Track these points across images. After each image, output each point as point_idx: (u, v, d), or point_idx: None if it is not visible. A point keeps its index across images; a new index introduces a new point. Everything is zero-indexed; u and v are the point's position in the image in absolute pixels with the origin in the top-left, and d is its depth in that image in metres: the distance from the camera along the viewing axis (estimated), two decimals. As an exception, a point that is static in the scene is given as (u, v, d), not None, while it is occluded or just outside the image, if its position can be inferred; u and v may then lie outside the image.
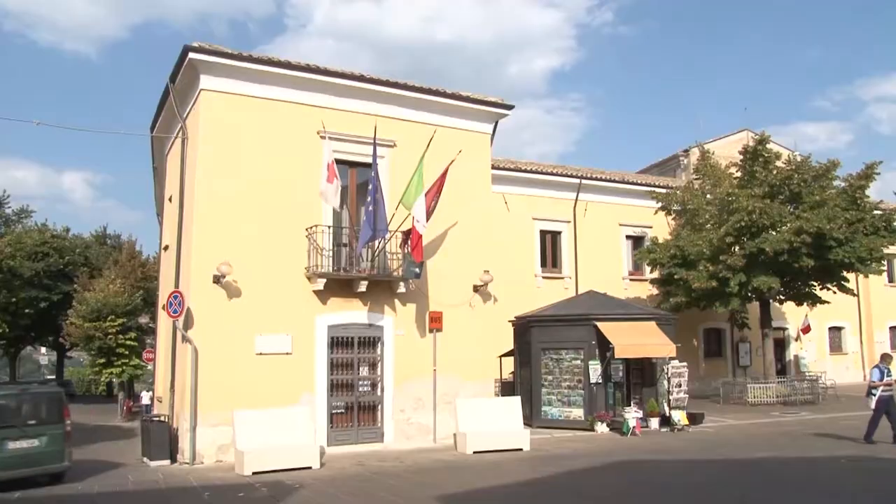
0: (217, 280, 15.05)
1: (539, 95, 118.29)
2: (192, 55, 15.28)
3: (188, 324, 15.05)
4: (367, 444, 16.41)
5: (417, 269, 16.69)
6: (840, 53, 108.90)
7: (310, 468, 13.68)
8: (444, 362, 17.53)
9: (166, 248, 19.72)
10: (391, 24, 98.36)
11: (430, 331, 17.57)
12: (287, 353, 15.76)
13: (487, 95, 19.18)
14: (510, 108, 19.32)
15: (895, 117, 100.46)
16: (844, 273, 27.59)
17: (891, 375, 16.09)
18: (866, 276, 30.88)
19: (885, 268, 30.20)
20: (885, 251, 27.57)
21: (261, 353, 15.47)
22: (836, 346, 38.48)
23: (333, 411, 16.31)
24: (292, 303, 15.91)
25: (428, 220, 16.27)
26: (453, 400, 16.99)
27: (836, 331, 38.42)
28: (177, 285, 16.16)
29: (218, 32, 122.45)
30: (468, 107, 18.78)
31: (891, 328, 39.60)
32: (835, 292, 28.55)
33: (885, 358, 16.77)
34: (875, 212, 27.25)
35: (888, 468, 13.18)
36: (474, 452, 15.61)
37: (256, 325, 15.48)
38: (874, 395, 15.91)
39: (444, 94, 18.39)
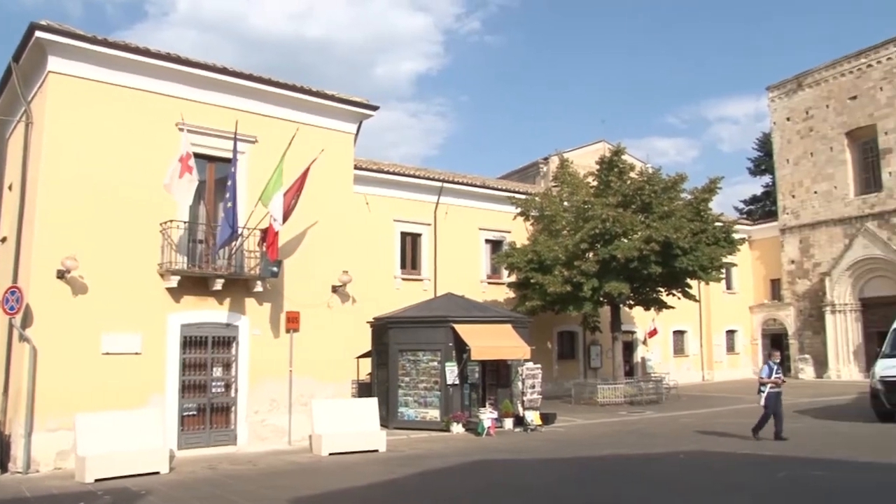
0: (61, 275, 14.21)
1: (405, 98, 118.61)
2: (39, 34, 14.36)
3: (27, 322, 14.12)
4: (220, 447, 15.94)
5: (275, 268, 16.41)
6: (689, 74, 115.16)
7: (158, 473, 13.11)
8: (300, 363, 17.28)
9: (4, 239, 18.41)
10: (258, 18, 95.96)
11: (287, 331, 17.28)
12: (136, 353, 15.05)
13: (352, 95, 19.07)
14: (375, 108, 19.28)
15: (735, 137, 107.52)
16: (688, 280, 29.20)
17: (779, 373, 16.74)
18: (707, 284, 32.73)
19: (723, 276, 32.19)
20: (724, 260, 29.45)
21: (108, 353, 14.68)
22: (679, 348, 40.75)
23: (185, 413, 15.72)
24: (143, 300, 15.22)
25: (287, 218, 16.01)
26: (309, 401, 16.76)
27: (679, 334, 40.70)
28: (15, 280, 15.10)
29: (72, 13, 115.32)
30: (332, 105, 18.61)
31: (727, 332, 42.52)
32: (679, 298, 30.17)
33: (774, 355, 17.49)
34: (716, 224, 29.07)
35: (719, 461, 13.95)
36: (330, 454, 15.46)
37: (104, 324, 14.69)
38: (763, 391, 16.35)
39: (308, 92, 18.15)
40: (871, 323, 37.26)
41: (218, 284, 15.91)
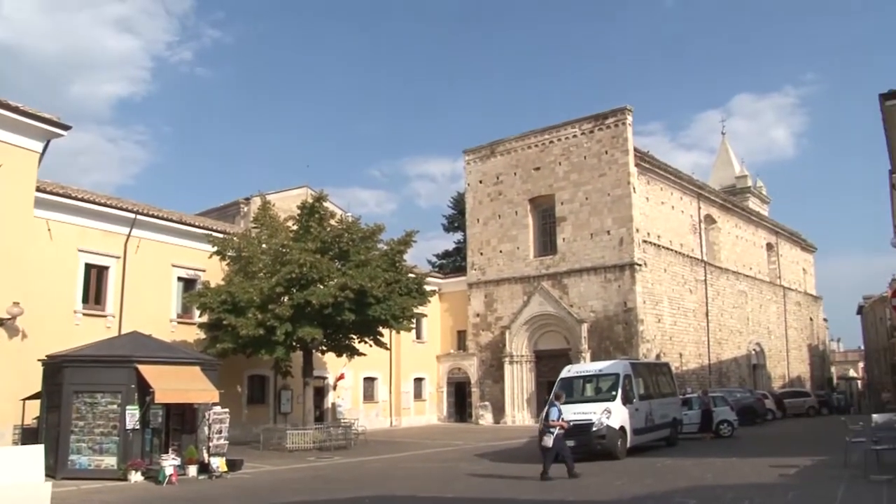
0: None
1: (103, 121, 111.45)
2: None
3: None
4: None
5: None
6: (394, 131, 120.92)
7: None
8: (-48, 405, 15.20)
9: None
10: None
11: (-61, 368, 15.17)
12: None
13: (40, 110, 17.51)
14: (66, 128, 17.93)
15: (432, 194, 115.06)
16: (380, 328, 30.02)
17: (563, 416, 16.96)
18: (398, 332, 33.90)
19: (414, 326, 33.57)
20: (415, 311, 30.73)
21: None
22: (369, 394, 41.55)
23: None
24: None
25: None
26: (-41, 449, 14.77)
27: (370, 381, 41.53)
28: None
29: None
30: (14, 118, 16.95)
31: (415, 379, 44.29)
32: (371, 345, 30.88)
33: (559, 396, 17.87)
34: (410, 275, 30.29)
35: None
36: (-22, 512, 13.68)
37: None
38: (552, 433, 16.42)
39: (-13, 101, 16.39)
40: (542, 373, 40.97)
41: None
